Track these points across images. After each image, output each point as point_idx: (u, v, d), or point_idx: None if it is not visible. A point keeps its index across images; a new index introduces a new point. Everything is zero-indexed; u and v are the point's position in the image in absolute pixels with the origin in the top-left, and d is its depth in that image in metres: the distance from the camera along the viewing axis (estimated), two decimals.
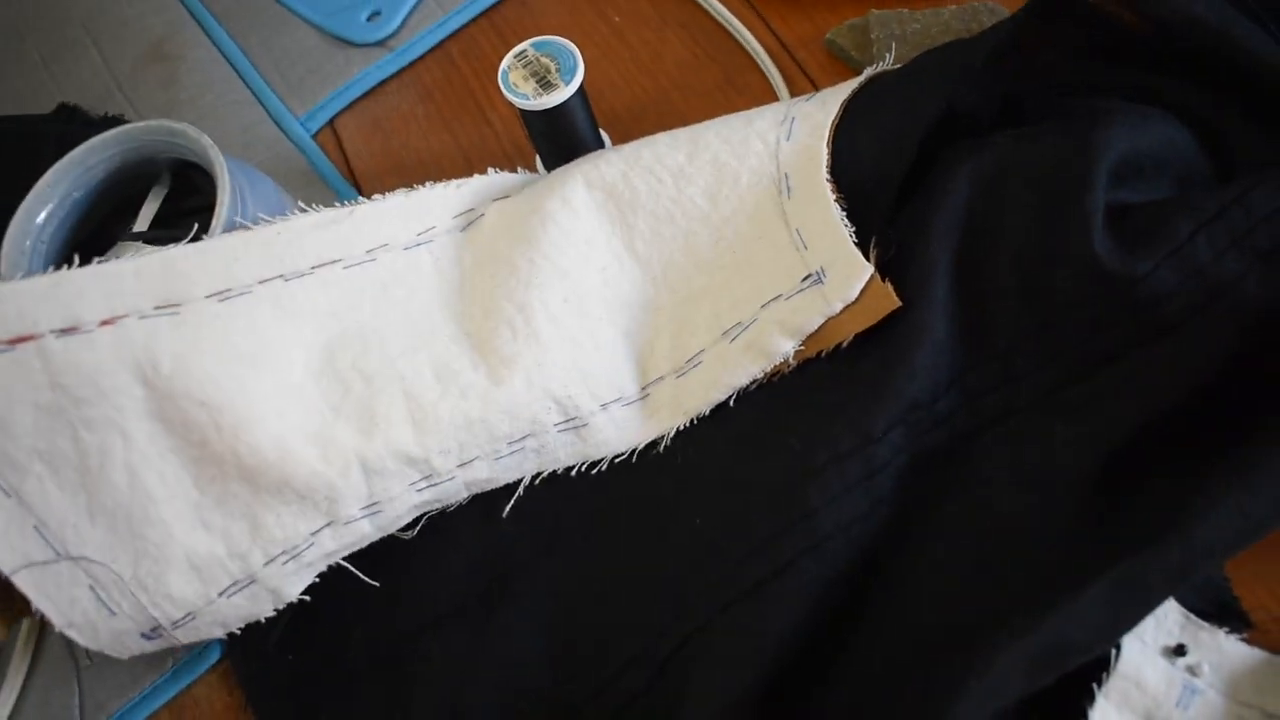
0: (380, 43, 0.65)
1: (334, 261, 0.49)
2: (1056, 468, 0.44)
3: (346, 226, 0.49)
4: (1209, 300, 0.44)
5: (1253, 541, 0.40)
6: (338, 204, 0.50)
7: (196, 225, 0.49)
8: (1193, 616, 0.43)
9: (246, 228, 0.48)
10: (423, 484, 0.47)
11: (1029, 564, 0.42)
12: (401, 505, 0.47)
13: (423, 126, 0.62)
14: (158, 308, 0.45)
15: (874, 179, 0.48)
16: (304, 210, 0.49)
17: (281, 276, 0.47)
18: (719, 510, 0.45)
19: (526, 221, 0.51)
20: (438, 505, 0.48)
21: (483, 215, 0.52)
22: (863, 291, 0.46)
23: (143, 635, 0.46)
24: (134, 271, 0.45)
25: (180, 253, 0.46)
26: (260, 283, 0.47)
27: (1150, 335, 0.44)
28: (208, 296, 0.46)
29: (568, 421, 0.48)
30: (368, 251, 0.49)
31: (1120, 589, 0.38)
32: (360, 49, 0.65)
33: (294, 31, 0.67)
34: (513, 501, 0.48)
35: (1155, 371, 0.44)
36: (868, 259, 0.46)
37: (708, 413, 0.48)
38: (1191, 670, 0.42)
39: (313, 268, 0.48)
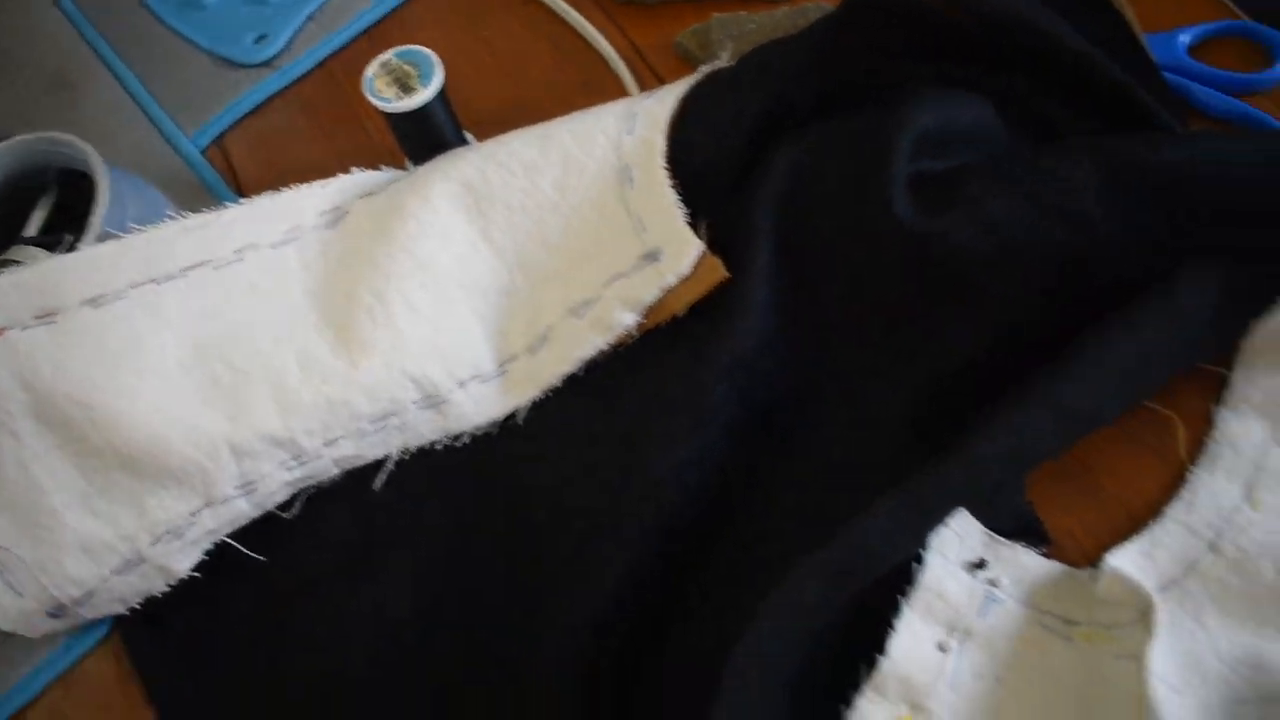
0: (266, 63, 0.70)
1: (203, 263, 0.53)
2: (874, 417, 0.49)
3: (215, 229, 0.53)
4: (1003, 255, 0.48)
5: (1024, 462, 0.45)
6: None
7: (70, 237, 0.53)
8: (994, 535, 0.47)
9: (118, 236, 0.52)
10: (292, 463, 0.51)
11: (852, 503, 0.46)
12: (274, 483, 0.51)
13: (305, 138, 0.66)
14: (37, 318, 0.49)
15: (707, 166, 0.53)
16: (175, 218, 0.53)
17: (153, 280, 0.51)
18: (568, 466, 0.49)
19: (387, 217, 0.55)
20: (311, 482, 0.52)
21: (348, 213, 0.56)
22: (694, 266, 0.51)
23: (49, 614, 0.50)
24: (13, 285, 0.49)
25: (56, 264, 0.50)
26: (132, 287, 0.51)
27: (950, 288, 0.49)
28: (82, 303, 0.50)
29: (427, 399, 0.52)
30: (236, 252, 0.54)
31: (907, 501, 0.42)
32: (247, 70, 0.70)
33: (186, 56, 0.71)
34: (383, 475, 0.52)
35: (958, 321, 0.49)
36: (700, 238, 0.51)
37: (560, 384, 0.52)
38: (992, 583, 0.46)
39: (183, 270, 0.52)
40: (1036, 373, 0.45)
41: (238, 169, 0.66)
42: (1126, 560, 0.46)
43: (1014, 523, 0.47)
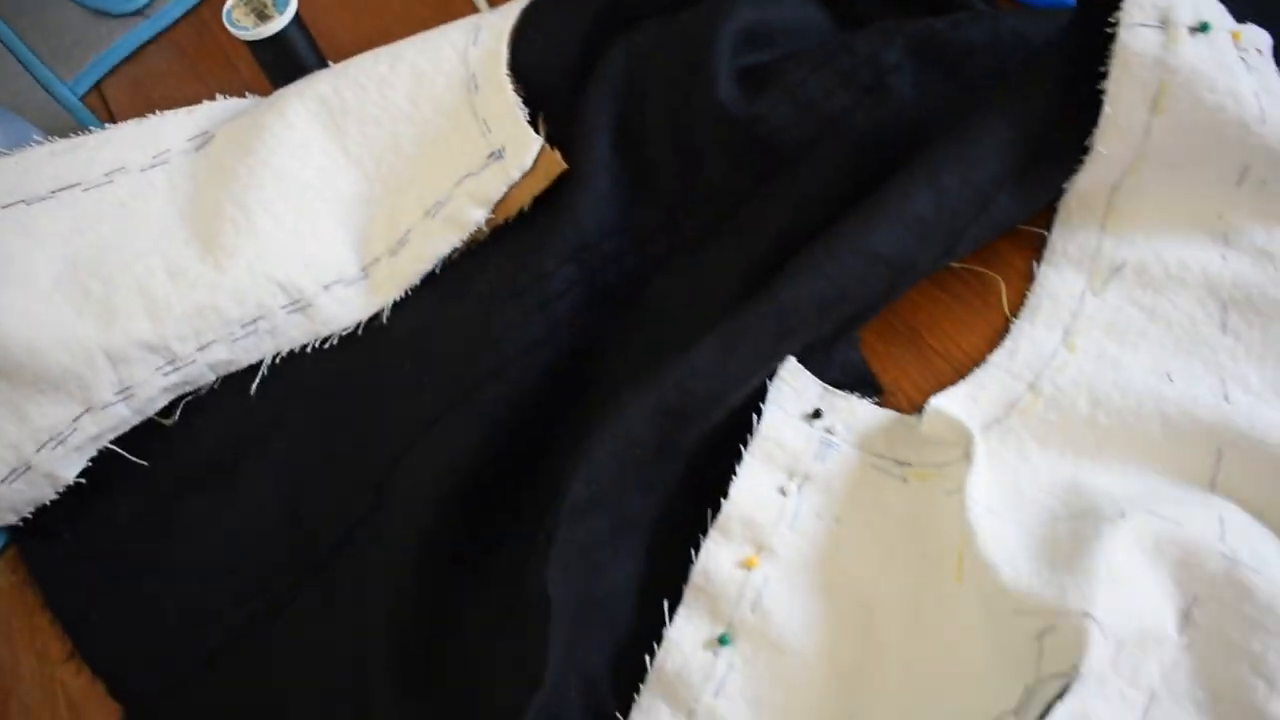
0: (138, 11, 0.72)
1: (73, 185, 0.55)
2: (712, 288, 0.52)
3: (83, 153, 0.56)
4: (821, 131, 0.52)
5: (839, 307, 0.48)
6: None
7: None
8: (829, 388, 0.50)
9: None
10: (168, 368, 0.53)
11: None
12: (151, 388, 0.53)
13: (179, 80, 0.68)
14: None
15: (547, 70, 0.56)
16: (42, 141, 0.55)
17: (23, 201, 0.54)
18: (423, 352, 0.52)
19: (248, 136, 0.57)
20: (190, 388, 0.54)
21: (213, 137, 0.59)
22: (536, 160, 0.54)
23: None
24: None
25: None
26: (3, 208, 0.53)
27: (775, 166, 0.52)
28: None
29: (293, 303, 0.54)
30: (105, 174, 0.56)
31: (725, 342, 0.46)
32: (121, 19, 0.72)
33: (60, 7, 0.73)
34: (258, 379, 0.55)
35: (783, 193, 0.52)
36: (540, 134, 0.54)
37: (419, 283, 0.55)
38: (828, 430, 0.50)
39: (53, 192, 0.54)
40: (843, 222, 0.48)
41: (116, 113, 0.68)
42: (950, 402, 0.49)
43: (848, 377, 0.51)
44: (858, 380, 0.50)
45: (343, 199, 0.56)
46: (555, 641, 0.43)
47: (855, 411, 0.49)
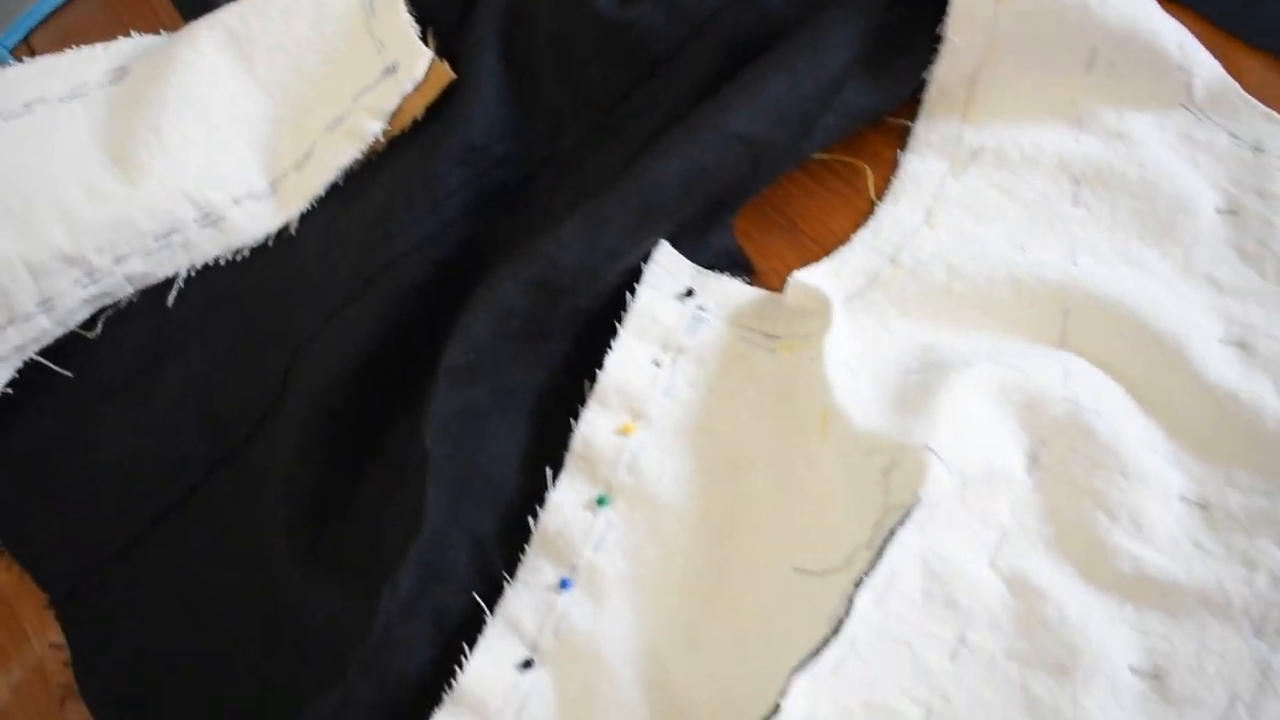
0: None
1: None
2: (595, 187, 0.55)
3: (2, 85, 0.59)
4: (693, 34, 0.55)
5: (700, 185, 0.51)
6: None
7: None
8: (702, 269, 0.53)
9: None
10: (86, 280, 0.56)
11: None
12: (72, 300, 0.56)
13: (103, 29, 0.72)
14: None
15: None
16: None
17: None
18: (325, 256, 0.55)
19: (161, 66, 0.61)
20: (109, 300, 0.58)
21: (129, 72, 0.62)
22: (427, 72, 0.57)
23: None
24: None
25: None
26: None
27: (650, 69, 0.55)
28: None
29: (205, 217, 0.58)
30: (25, 105, 0.59)
31: (591, 218, 0.49)
32: None
33: None
34: (175, 291, 0.58)
35: (659, 97, 0.55)
36: (429, 48, 0.57)
37: (324, 194, 0.59)
38: (701, 308, 0.53)
39: None
40: (704, 107, 0.51)
41: None
42: (813, 275, 0.52)
43: (723, 261, 0.54)
44: (732, 264, 0.54)
45: (251, 120, 0.59)
46: (437, 497, 0.46)
47: (726, 290, 0.53)
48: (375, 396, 0.52)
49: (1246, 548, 0.46)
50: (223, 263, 0.58)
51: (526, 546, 0.48)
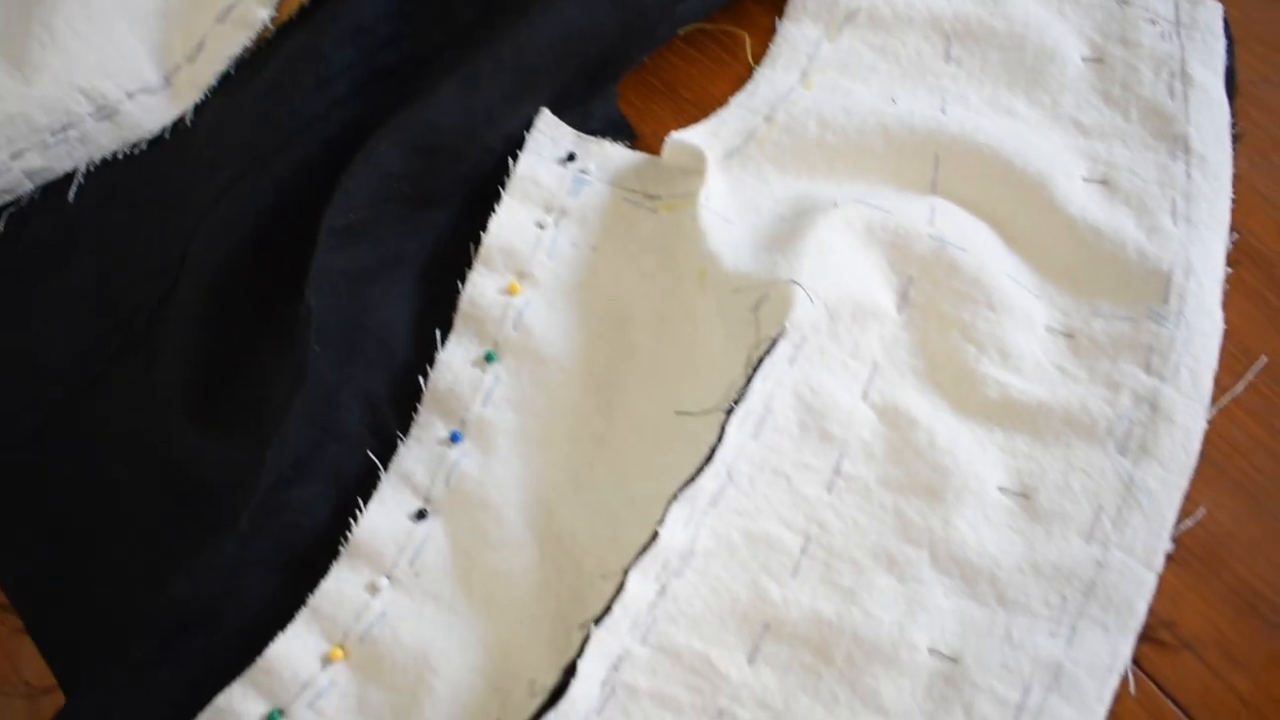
0: None
1: None
2: (478, 70, 0.56)
3: None
4: None
5: (575, 47, 0.53)
6: None
7: None
8: (584, 135, 0.55)
9: None
10: None
11: None
12: None
13: None
14: None
15: None
16: None
17: None
18: (218, 141, 0.57)
19: None
20: (9, 197, 0.59)
21: None
22: None
23: None
24: None
25: None
26: None
27: None
28: None
29: (100, 111, 0.59)
30: None
31: (467, 79, 0.51)
32: None
33: None
34: (75, 186, 0.59)
35: None
36: None
37: (217, 84, 0.60)
38: (582, 171, 0.54)
39: None
40: None
41: None
42: (690, 135, 0.54)
43: (605, 127, 0.55)
44: (615, 130, 0.55)
45: (142, 14, 0.60)
46: (325, 355, 0.48)
47: (607, 153, 0.54)
48: (269, 271, 0.53)
49: (1110, 371, 0.47)
50: (121, 157, 0.58)
51: (419, 406, 0.49)
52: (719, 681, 0.42)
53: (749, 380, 0.44)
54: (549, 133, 0.54)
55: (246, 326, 0.52)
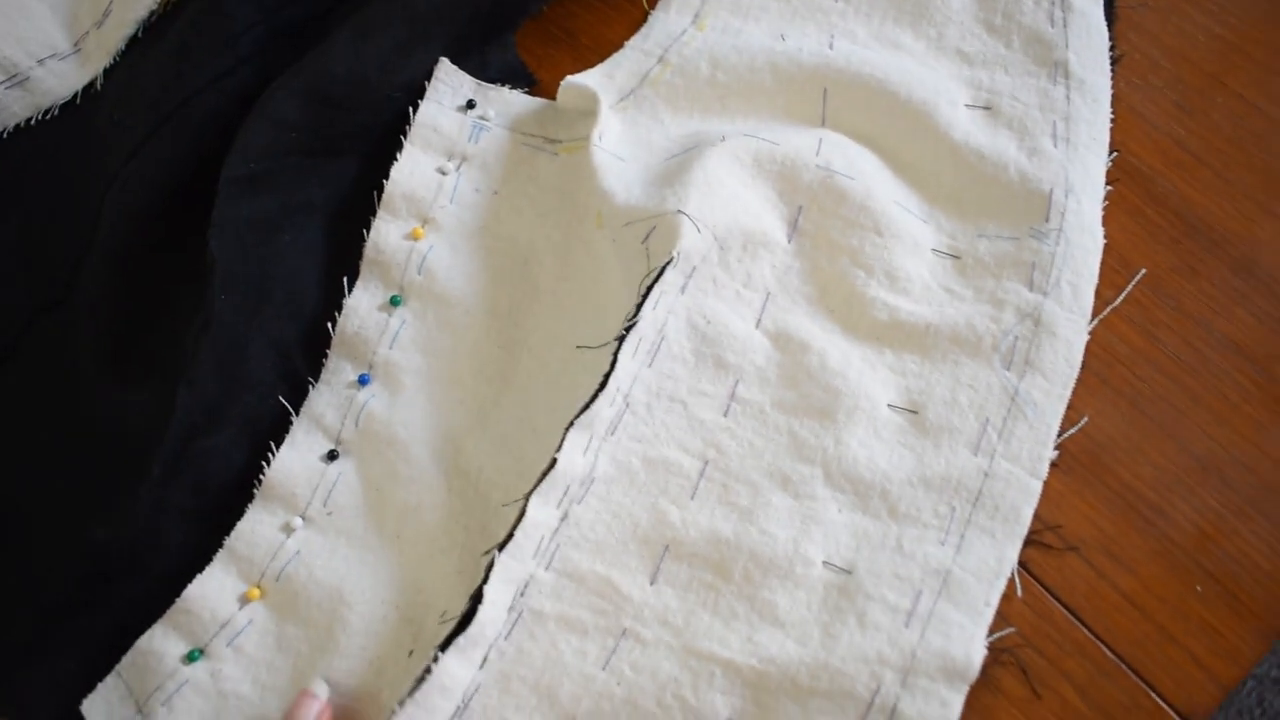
0: None
1: None
2: (372, 15, 0.57)
3: None
4: None
5: None
6: None
7: None
8: (483, 83, 0.56)
9: None
10: None
11: None
12: None
13: None
14: None
15: None
16: None
17: None
18: (127, 101, 0.58)
19: None
20: None
21: None
22: None
23: None
24: None
25: None
26: None
27: None
28: None
29: (10, 79, 0.59)
30: None
31: (358, 28, 0.52)
32: None
33: None
34: None
35: None
36: None
37: (124, 48, 0.60)
38: (482, 117, 0.55)
39: None
40: None
41: None
42: (585, 78, 0.55)
43: (504, 74, 0.56)
44: (514, 78, 0.56)
45: None
46: (231, 302, 0.49)
47: (507, 100, 0.55)
48: (181, 226, 0.54)
49: (994, 289, 0.49)
50: (34, 123, 0.59)
51: (329, 351, 0.51)
52: (622, 603, 0.44)
53: (639, 307, 0.46)
54: (448, 81, 0.55)
55: (160, 281, 0.53)
